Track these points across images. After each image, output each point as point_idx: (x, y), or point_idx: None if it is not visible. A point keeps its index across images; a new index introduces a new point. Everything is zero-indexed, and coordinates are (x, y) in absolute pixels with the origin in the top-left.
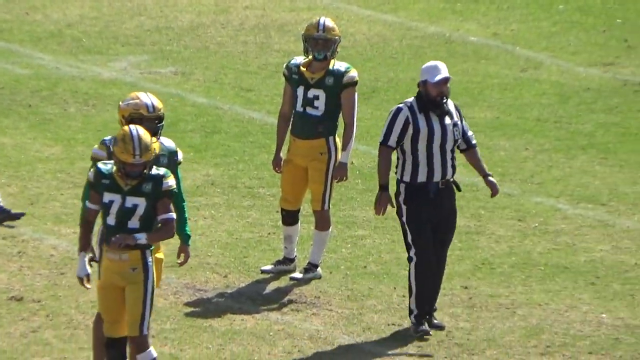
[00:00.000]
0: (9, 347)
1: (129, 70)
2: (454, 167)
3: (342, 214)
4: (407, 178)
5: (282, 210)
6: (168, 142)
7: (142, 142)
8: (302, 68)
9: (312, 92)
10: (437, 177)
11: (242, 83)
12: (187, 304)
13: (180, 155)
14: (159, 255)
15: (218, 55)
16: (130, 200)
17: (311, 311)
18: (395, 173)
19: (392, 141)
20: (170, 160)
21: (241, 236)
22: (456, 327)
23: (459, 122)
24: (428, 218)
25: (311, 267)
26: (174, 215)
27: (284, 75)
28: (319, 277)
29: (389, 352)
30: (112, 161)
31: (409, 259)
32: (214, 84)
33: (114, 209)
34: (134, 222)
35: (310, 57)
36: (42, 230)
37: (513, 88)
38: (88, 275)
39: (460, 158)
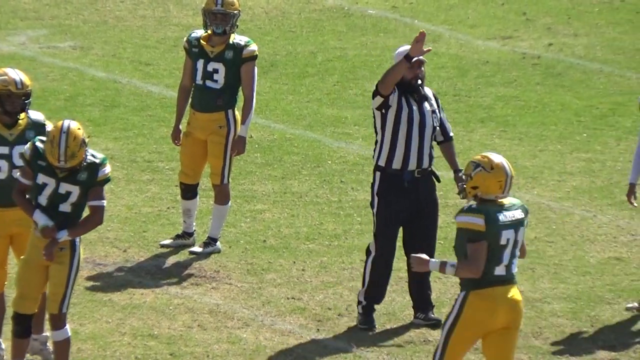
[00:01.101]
0: None
1: (28, 44)
2: (431, 156)
3: (241, 187)
4: (382, 162)
5: (181, 184)
6: (36, 115)
7: (69, 151)
8: (202, 41)
9: (211, 66)
10: (412, 165)
11: (140, 57)
12: (87, 279)
13: (48, 126)
14: None
15: (116, 29)
16: (64, 187)
17: (211, 285)
18: (372, 157)
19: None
20: (38, 133)
21: (140, 210)
22: (356, 301)
23: (437, 110)
24: (400, 210)
25: (210, 241)
26: (104, 202)
27: (184, 48)
28: (219, 251)
29: (289, 326)
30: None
31: (367, 251)
32: (112, 58)
33: (47, 192)
34: (65, 207)
35: (209, 31)
36: None
37: None
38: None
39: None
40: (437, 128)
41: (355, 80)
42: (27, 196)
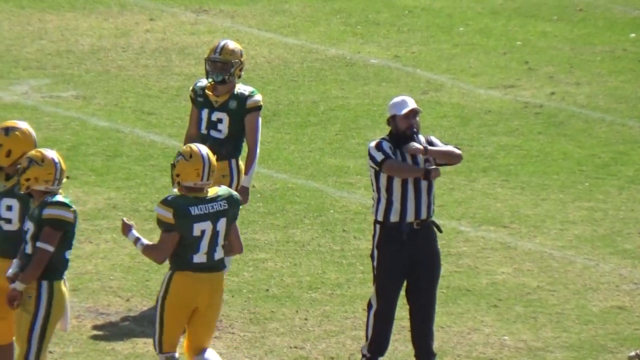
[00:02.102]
0: None
1: (30, 94)
2: (430, 206)
3: (244, 237)
4: (380, 217)
5: None
6: None
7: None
8: (207, 91)
9: (215, 115)
10: (410, 217)
11: (143, 106)
12: (90, 328)
13: None
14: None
15: (119, 79)
16: (27, 224)
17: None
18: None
19: (391, 154)
20: None
21: (143, 260)
22: (358, 350)
23: (432, 159)
24: (400, 262)
25: None
26: (49, 247)
27: (190, 97)
28: None
29: None
30: None
31: (369, 304)
32: (115, 108)
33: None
34: (28, 247)
35: (210, 80)
36: None
37: None
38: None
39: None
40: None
41: (358, 129)
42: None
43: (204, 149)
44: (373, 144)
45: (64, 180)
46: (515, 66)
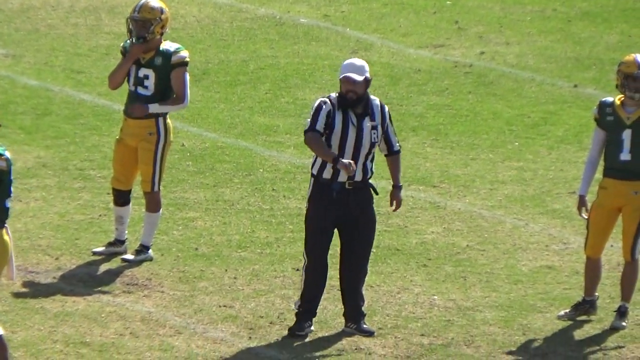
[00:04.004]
0: None
1: None
2: (366, 170)
3: (173, 195)
4: (314, 171)
5: (113, 189)
6: None
7: None
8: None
9: (142, 72)
10: (342, 176)
11: (72, 65)
12: (19, 286)
13: None
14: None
15: (48, 38)
16: None
17: (143, 293)
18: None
19: (319, 126)
20: None
21: (72, 218)
22: (288, 309)
23: (379, 126)
24: (330, 221)
25: (142, 248)
26: None
27: (121, 53)
28: (151, 259)
29: (221, 334)
30: None
31: (303, 259)
32: (44, 67)
33: None
34: None
35: (132, 39)
36: None
37: None
38: None
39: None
40: (379, 143)
41: (287, 88)
42: None
43: None
44: (316, 102)
45: None
46: (445, 26)
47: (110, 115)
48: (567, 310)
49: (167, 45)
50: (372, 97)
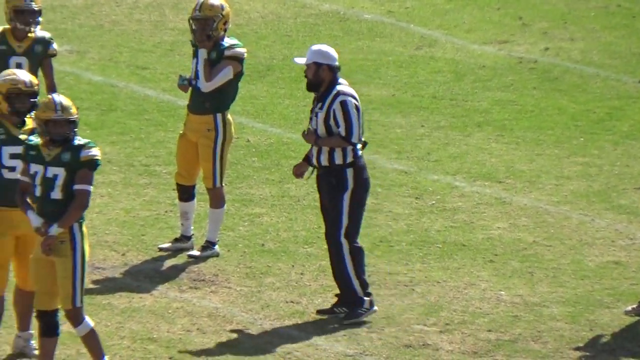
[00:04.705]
0: None
1: None
2: (319, 155)
3: (239, 191)
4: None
5: (177, 184)
6: None
7: (64, 102)
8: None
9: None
10: (312, 160)
11: (137, 61)
12: (86, 282)
13: None
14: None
15: (113, 34)
16: (51, 171)
17: (209, 289)
18: None
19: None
20: None
21: (138, 214)
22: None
23: (320, 114)
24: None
25: (208, 244)
26: (89, 187)
27: (192, 45)
28: (217, 255)
29: (288, 330)
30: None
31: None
32: (109, 62)
33: (38, 180)
34: (55, 193)
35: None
36: None
37: (408, 66)
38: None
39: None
40: (318, 129)
41: (352, 84)
42: (25, 196)
43: None
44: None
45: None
46: (509, 22)
47: (175, 110)
48: (635, 306)
49: (224, 40)
50: (338, 86)
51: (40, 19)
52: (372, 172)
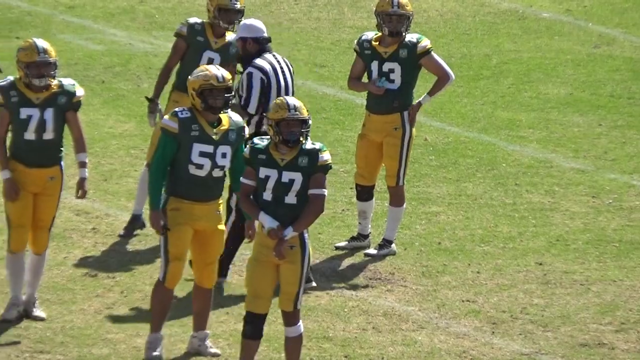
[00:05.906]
0: (83, 324)
1: None
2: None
3: (416, 190)
4: None
5: (357, 185)
6: (236, 117)
7: (296, 102)
8: (374, 43)
9: (387, 66)
10: None
11: (315, 59)
12: None
13: (247, 130)
14: (221, 226)
15: (291, 32)
16: (287, 175)
17: (385, 287)
18: None
19: None
20: (239, 134)
21: None
22: (530, 303)
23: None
24: None
25: (385, 243)
26: (325, 191)
27: (355, 50)
28: (394, 254)
29: (464, 329)
30: (267, 137)
31: None
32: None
33: (270, 184)
34: (290, 198)
35: (385, 32)
36: (115, 206)
37: (586, 64)
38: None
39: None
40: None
41: (530, 82)
42: (251, 199)
43: None
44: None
45: None
46: None
47: (352, 109)
48: None
49: (408, 37)
50: (257, 59)
51: (241, 18)
52: (549, 171)
